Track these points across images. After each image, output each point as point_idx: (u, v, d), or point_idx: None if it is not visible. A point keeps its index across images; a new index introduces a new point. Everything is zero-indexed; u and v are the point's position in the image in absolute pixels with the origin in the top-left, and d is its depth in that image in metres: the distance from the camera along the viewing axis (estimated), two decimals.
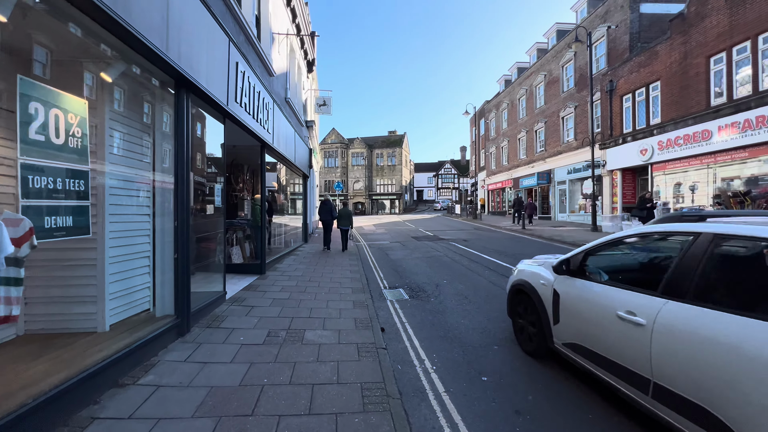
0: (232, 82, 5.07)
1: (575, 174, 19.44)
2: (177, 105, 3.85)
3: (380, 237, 16.26)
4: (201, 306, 4.52)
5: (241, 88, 5.42)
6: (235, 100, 5.22)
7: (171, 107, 3.88)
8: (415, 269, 8.58)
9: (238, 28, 5.86)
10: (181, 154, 3.84)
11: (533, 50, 26.11)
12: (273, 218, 9.55)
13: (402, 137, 52.48)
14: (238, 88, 5.26)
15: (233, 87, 5.13)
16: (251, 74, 5.96)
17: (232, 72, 5.05)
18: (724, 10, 10.41)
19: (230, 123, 5.44)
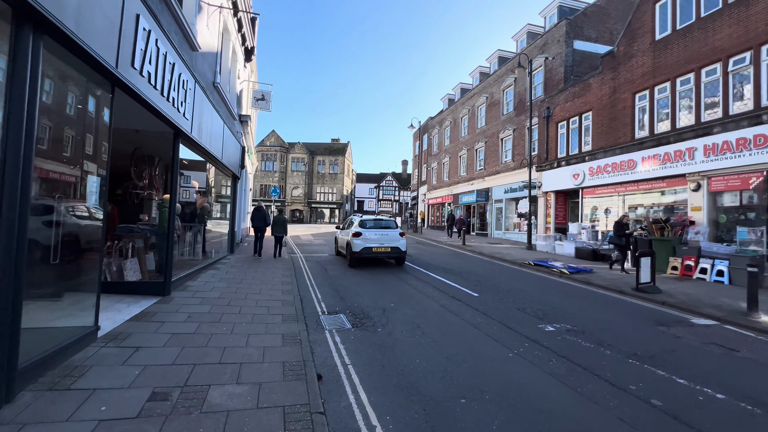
0: (128, 40, 3.73)
1: (512, 193, 20.26)
2: (16, 46, 2.50)
3: (319, 249, 15.02)
4: (50, 352, 3.06)
5: (144, 52, 4.08)
6: (133, 65, 3.87)
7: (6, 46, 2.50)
8: (357, 289, 7.62)
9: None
10: (16, 121, 2.47)
11: (476, 73, 27.28)
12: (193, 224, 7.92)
13: (346, 146, 51.63)
14: (137, 49, 3.92)
15: (129, 47, 3.79)
16: (163, 40, 4.62)
17: (128, 26, 3.72)
18: (649, 52, 11.44)
19: (124, 96, 4.04)
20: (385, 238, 10.53)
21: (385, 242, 10.43)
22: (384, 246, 10.37)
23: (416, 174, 39.47)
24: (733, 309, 6.49)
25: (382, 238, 10.47)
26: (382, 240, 10.43)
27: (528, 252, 14.45)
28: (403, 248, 10.69)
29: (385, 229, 10.79)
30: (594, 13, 17.19)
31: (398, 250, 10.51)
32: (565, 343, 4.65)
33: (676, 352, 4.51)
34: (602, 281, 8.85)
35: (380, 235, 10.50)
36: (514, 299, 6.98)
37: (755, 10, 8.77)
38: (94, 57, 3.19)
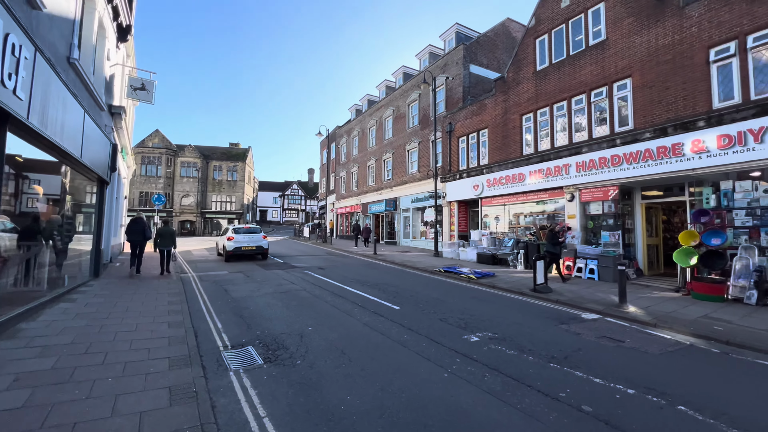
0: None
1: (418, 203, 21.14)
2: None
3: (216, 266, 13.13)
4: None
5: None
6: None
7: None
8: (267, 312, 6.64)
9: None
10: None
11: (383, 86, 28.09)
12: (32, 243, 5.85)
13: (246, 151, 47.83)
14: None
15: None
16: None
17: None
18: (532, 80, 13.13)
19: None
20: (252, 239, 14.58)
21: (252, 242, 14.49)
22: (251, 245, 14.44)
23: (324, 183, 38.63)
24: (608, 302, 7.55)
25: (250, 240, 14.51)
26: (250, 241, 14.48)
27: (436, 259, 15.08)
28: (266, 246, 14.89)
29: (251, 234, 14.82)
30: (485, 42, 19.25)
31: (261, 248, 14.67)
32: (492, 354, 4.62)
33: (582, 350, 4.87)
34: (505, 284, 9.56)
35: (248, 238, 14.52)
36: (434, 309, 6.92)
37: (608, 54, 10.74)
38: None
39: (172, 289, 8.13)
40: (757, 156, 7.64)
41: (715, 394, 3.62)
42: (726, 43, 8.38)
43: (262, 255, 15.01)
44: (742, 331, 5.62)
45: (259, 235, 14.89)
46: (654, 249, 10.97)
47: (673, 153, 8.94)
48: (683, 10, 9.12)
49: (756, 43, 7.92)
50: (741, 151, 7.86)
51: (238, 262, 14.18)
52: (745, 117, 7.81)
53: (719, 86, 8.49)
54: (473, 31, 20.72)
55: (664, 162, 9.12)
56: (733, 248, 8.07)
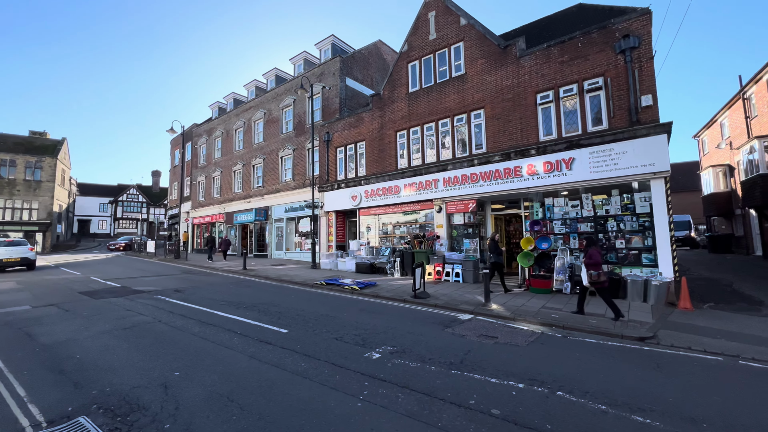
0: None
1: (293, 213, 20.14)
2: None
3: (5, 299, 9.36)
4: None
5: None
6: None
7: None
8: (105, 359, 4.94)
9: None
10: None
11: (252, 86, 25.97)
12: None
13: (59, 144, 36.85)
14: None
15: None
16: None
17: None
18: (405, 100, 14.21)
19: None
20: (15, 251, 15.25)
21: (15, 254, 15.18)
22: (14, 257, 15.16)
23: (176, 188, 33.00)
24: (476, 302, 8.57)
25: (13, 252, 15.08)
26: (12, 253, 15.12)
27: (314, 271, 14.53)
28: (33, 257, 15.98)
29: (15, 246, 15.62)
30: (360, 58, 19.99)
31: (28, 260, 15.69)
32: (398, 370, 4.51)
33: (471, 352, 5.27)
34: (387, 293, 9.83)
35: (11, 250, 15.12)
36: (326, 328, 6.47)
37: (467, 86, 12.52)
38: None
39: None
40: (568, 179, 10.03)
41: (574, 375, 4.37)
42: (547, 91, 10.81)
43: (28, 266, 15.96)
44: (569, 317, 7.13)
45: (26, 247, 15.94)
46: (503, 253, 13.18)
47: (515, 174, 10.96)
48: (519, 60, 11.37)
49: (565, 94, 10.48)
50: (558, 175, 10.19)
51: (46, 293, 10.51)
52: (560, 149, 10.18)
53: (543, 123, 10.87)
54: (348, 45, 21.29)
55: (509, 181, 11.08)
56: (555, 251, 10.34)
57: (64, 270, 16.21)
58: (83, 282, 12.29)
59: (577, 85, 10.22)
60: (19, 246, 15.75)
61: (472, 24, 12.55)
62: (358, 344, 5.54)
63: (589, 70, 9.98)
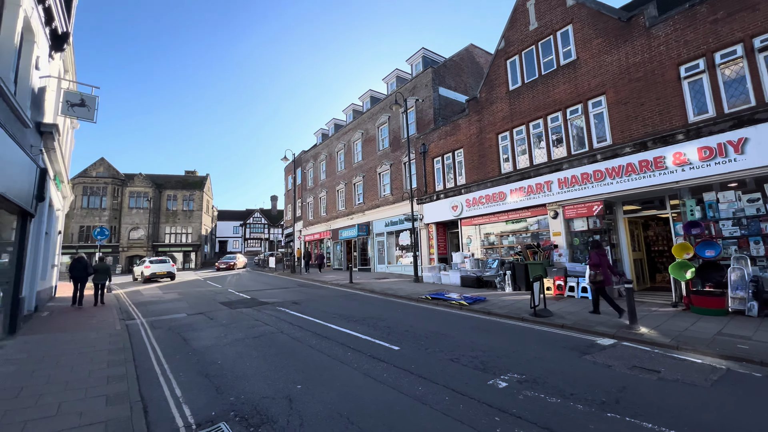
0: None
1: (393, 227, 20.43)
2: None
3: (171, 307, 11.36)
4: None
5: None
6: None
7: None
8: (239, 366, 5.37)
9: None
10: None
11: (349, 110, 27.79)
12: None
13: (204, 179, 45.20)
14: None
15: None
16: None
17: None
18: (505, 100, 13.19)
19: None
20: (163, 267, 21.43)
21: (163, 269, 21.30)
22: (163, 271, 21.30)
23: (290, 209, 37.06)
24: (616, 324, 7.05)
25: (162, 267, 21.40)
26: (162, 268, 21.31)
27: (418, 285, 14.24)
28: (174, 271, 21.95)
29: (163, 263, 21.70)
30: (452, 66, 19.59)
31: (171, 273, 21.66)
32: (532, 404, 3.78)
33: (626, 388, 4.17)
34: (500, 309, 8.88)
35: (161, 266, 21.48)
36: (438, 347, 6.01)
37: (581, 72, 10.95)
38: None
39: (114, 344, 6.56)
40: (738, 167, 7.74)
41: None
42: (694, 60, 8.69)
43: (171, 278, 21.78)
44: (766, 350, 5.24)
45: (168, 264, 21.96)
46: (639, 263, 10.90)
47: (656, 166, 8.97)
48: (650, 30, 9.47)
49: (723, 59, 8.25)
50: (722, 162, 7.95)
51: (197, 302, 12.48)
52: (723, 129, 7.96)
53: (693, 100, 8.72)
54: (439, 55, 21.12)
55: (648, 175, 9.12)
56: (725, 259, 8.00)
57: (209, 283, 19.31)
58: (222, 294, 14.31)
59: (742, 46, 7.94)
60: (165, 263, 21.99)
61: (581, 2, 11.03)
62: (477, 368, 4.93)
63: (760, 22, 7.66)
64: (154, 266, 21.43)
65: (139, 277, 22.59)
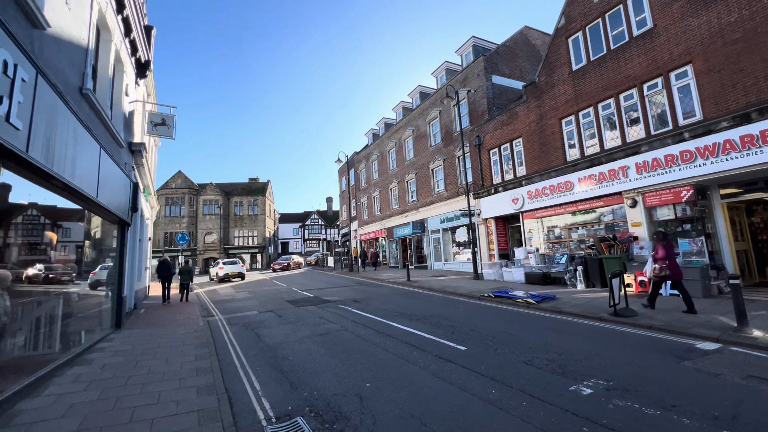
0: None
1: (448, 223, 20.00)
2: None
3: (243, 305, 12.24)
4: None
5: None
6: None
7: None
8: (310, 362, 5.57)
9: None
10: None
11: (399, 108, 27.77)
12: (45, 298, 5.10)
13: (265, 185, 48.27)
14: None
15: None
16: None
17: None
18: (569, 81, 12.17)
19: None
20: (235, 268, 23.48)
21: (235, 270, 23.34)
22: (235, 271, 23.32)
23: (344, 210, 38.11)
24: (720, 325, 6.13)
25: (234, 268, 23.44)
26: (234, 269, 23.36)
27: (478, 282, 13.75)
28: (244, 271, 23.91)
29: (234, 265, 23.81)
30: (505, 52, 18.60)
31: (242, 273, 23.62)
32: (627, 417, 3.38)
33: (744, 402, 3.56)
34: (573, 308, 8.21)
35: (233, 266, 23.53)
36: (508, 348, 5.69)
37: (659, 42, 9.71)
38: None
39: (199, 338, 7.20)
40: None
41: None
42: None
43: (241, 278, 23.75)
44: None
45: (239, 265, 24.05)
46: (743, 255, 9.40)
47: (764, 141, 7.63)
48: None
49: None
50: None
51: (266, 301, 13.30)
52: None
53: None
54: (490, 42, 20.20)
55: (753, 153, 7.80)
56: None
57: (275, 282, 20.54)
58: (288, 292, 15.11)
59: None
60: (236, 264, 24.14)
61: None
62: (555, 372, 4.57)
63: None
64: (227, 267, 23.45)
65: (214, 277, 24.70)
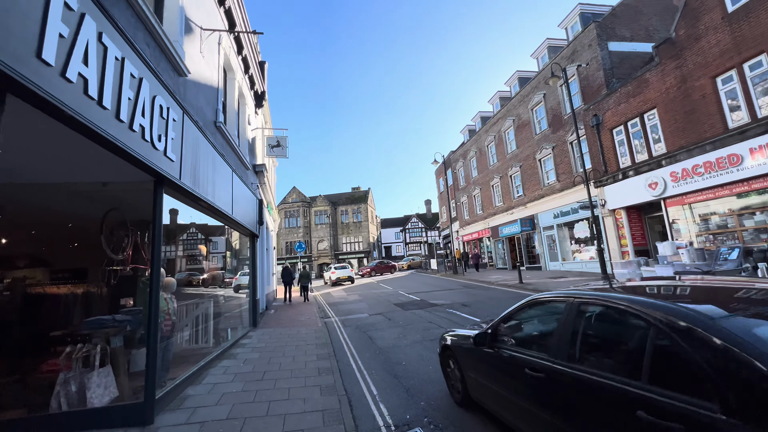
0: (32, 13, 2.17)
1: (563, 218, 17.79)
2: None
3: (355, 307, 12.86)
4: None
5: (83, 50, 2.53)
6: (40, 55, 2.27)
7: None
8: (423, 369, 5.39)
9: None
10: None
11: (495, 98, 26.13)
12: (201, 300, 6.14)
13: (366, 193, 50.94)
14: (59, 32, 2.36)
15: (37, 24, 2.22)
16: (120, 41, 3.13)
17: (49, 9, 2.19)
18: (723, 27, 9.55)
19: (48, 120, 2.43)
20: (345, 272, 25.08)
21: (345, 274, 24.93)
22: (345, 275, 24.82)
23: (444, 211, 37.54)
24: None
25: (345, 272, 25.06)
26: (344, 273, 25.00)
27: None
28: (353, 276, 26.12)
29: (344, 269, 25.52)
30: (623, 12, 15.77)
31: (351, 277, 25.32)
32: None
33: None
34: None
35: (343, 271, 25.20)
36: None
37: None
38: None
39: (318, 339, 7.73)
40: None
41: None
42: None
43: (351, 281, 25.27)
44: None
45: (348, 269, 25.89)
46: None
47: None
48: None
49: None
50: None
51: (375, 303, 13.75)
52: None
53: None
54: (601, 6, 17.43)
55: None
56: None
57: (381, 285, 21.25)
58: (394, 295, 15.39)
59: None
60: (345, 269, 25.84)
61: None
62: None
63: None
64: (338, 272, 25.38)
65: (328, 281, 26.87)
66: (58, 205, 4.77)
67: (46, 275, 6.09)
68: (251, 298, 9.44)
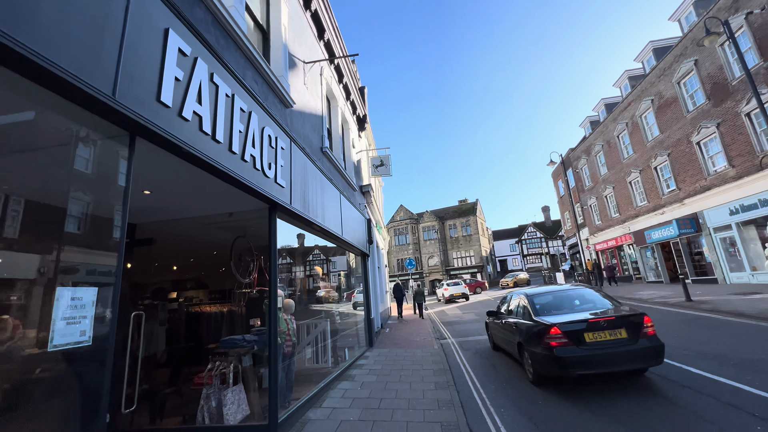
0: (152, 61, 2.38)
1: (746, 213, 13.44)
2: None
3: (472, 328, 11.86)
4: None
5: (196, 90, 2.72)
6: (159, 98, 2.45)
7: None
8: (569, 412, 4.29)
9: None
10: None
11: (623, 80, 22.10)
12: (319, 320, 6.34)
13: (474, 205, 48.84)
14: (175, 76, 2.56)
15: (156, 70, 2.42)
16: (230, 80, 3.36)
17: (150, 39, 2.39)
18: None
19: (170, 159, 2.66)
20: (458, 288, 24.38)
21: (459, 290, 24.28)
22: (459, 292, 24.22)
23: (568, 217, 33.06)
24: None
25: (458, 289, 24.38)
26: (458, 290, 24.31)
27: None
28: (467, 292, 25.01)
29: (457, 285, 24.68)
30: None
31: (465, 294, 24.50)
32: None
33: None
34: None
35: (456, 287, 24.49)
36: None
37: None
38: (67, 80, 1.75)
39: (435, 363, 7.17)
40: None
41: None
42: None
43: (465, 298, 24.47)
44: None
45: (461, 286, 24.75)
46: None
47: None
48: None
49: None
50: None
51: None
52: None
53: None
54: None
55: None
56: None
57: None
58: None
59: None
60: (458, 285, 24.89)
61: None
62: None
63: None
64: (451, 288, 24.56)
65: (441, 298, 26.09)
66: (199, 236, 5.51)
67: (206, 295, 7.21)
68: (366, 317, 9.50)
